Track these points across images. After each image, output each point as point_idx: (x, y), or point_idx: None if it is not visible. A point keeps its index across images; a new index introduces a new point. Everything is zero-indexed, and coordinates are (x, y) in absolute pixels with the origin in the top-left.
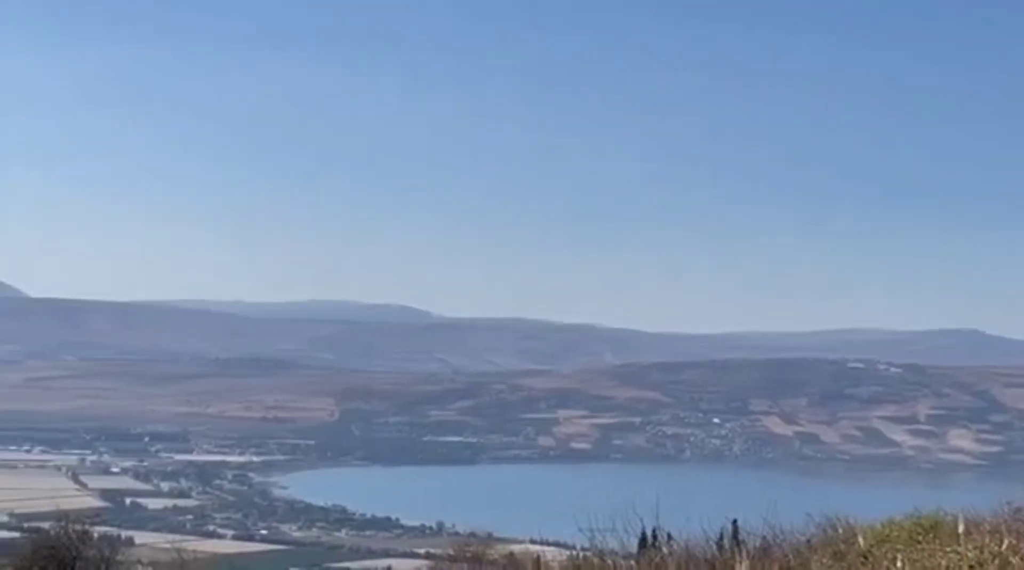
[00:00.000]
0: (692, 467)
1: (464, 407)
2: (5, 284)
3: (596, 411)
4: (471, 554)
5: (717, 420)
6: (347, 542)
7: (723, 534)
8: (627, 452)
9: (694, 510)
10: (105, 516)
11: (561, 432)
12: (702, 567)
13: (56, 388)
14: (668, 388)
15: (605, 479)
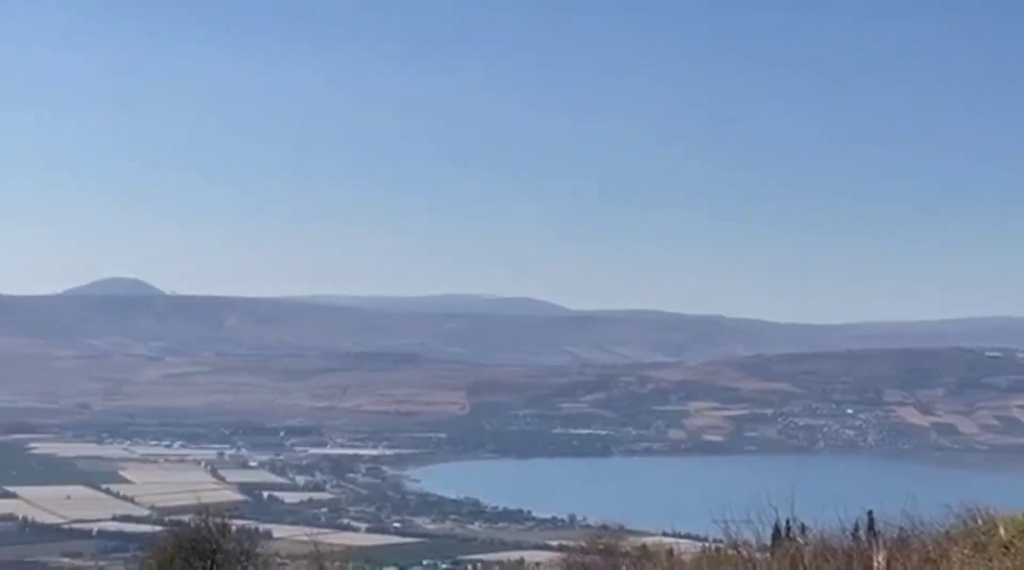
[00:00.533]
0: (826, 458)
1: (594, 400)
2: (144, 283)
3: (727, 403)
4: (603, 546)
5: (850, 411)
6: (480, 534)
7: (859, 525)
8: (760, 444)
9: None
10: (243, 509)
11: (692, 424)
12: (839, 558)
13: (194, 384)
14: (799, 379)
15: (738, 471)
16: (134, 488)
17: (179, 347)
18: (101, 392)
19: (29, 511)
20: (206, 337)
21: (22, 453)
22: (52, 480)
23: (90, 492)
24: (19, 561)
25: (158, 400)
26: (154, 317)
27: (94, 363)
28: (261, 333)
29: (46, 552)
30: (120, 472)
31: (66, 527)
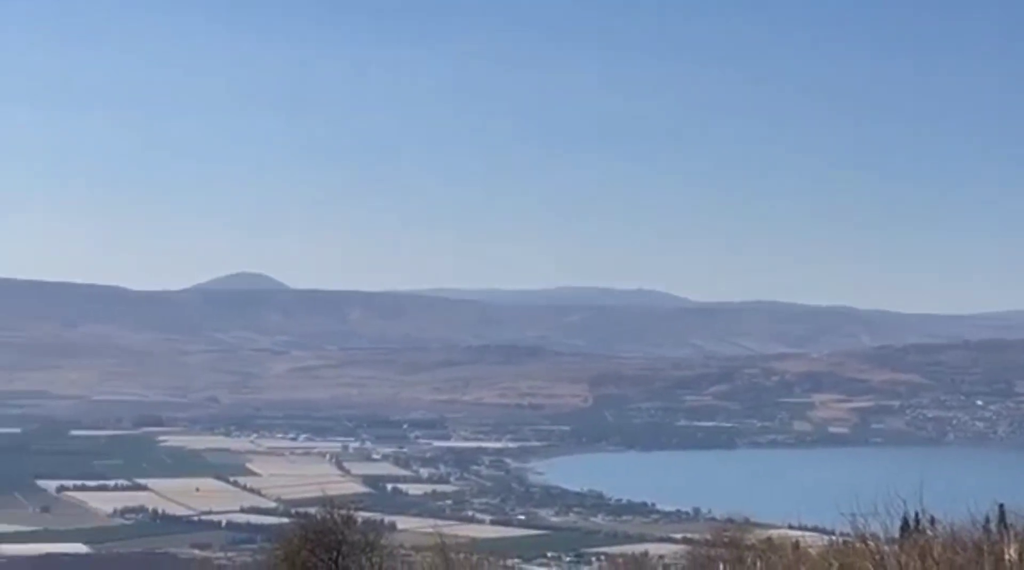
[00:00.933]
0: (955, 450)
1: (718, 392)
2: (270, 277)
3: (852, 394)
4: (729, 539)
5: (980, 402)
6: (604, 527)
7: (989, 518)
8: (887, 436)
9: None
10: (368, 502)
11: (817, 416)
12: (969, 551)
13: (319, 377)
14: (927, 370)
15: (865, 463)
16: (261, 480)
17: (304, 341)
18: (229, 386)
19: (159, 503)
20: (330, 331)
21: (153, 446)
22: (182, 472)
23: (218, 484)
24: (150, 552)
25: (284, 393)
26: (280, 311)
27: (222, 357)
28: (384, 326)
29: (176, 543)
30: (247, 464)
31: (195, 519)
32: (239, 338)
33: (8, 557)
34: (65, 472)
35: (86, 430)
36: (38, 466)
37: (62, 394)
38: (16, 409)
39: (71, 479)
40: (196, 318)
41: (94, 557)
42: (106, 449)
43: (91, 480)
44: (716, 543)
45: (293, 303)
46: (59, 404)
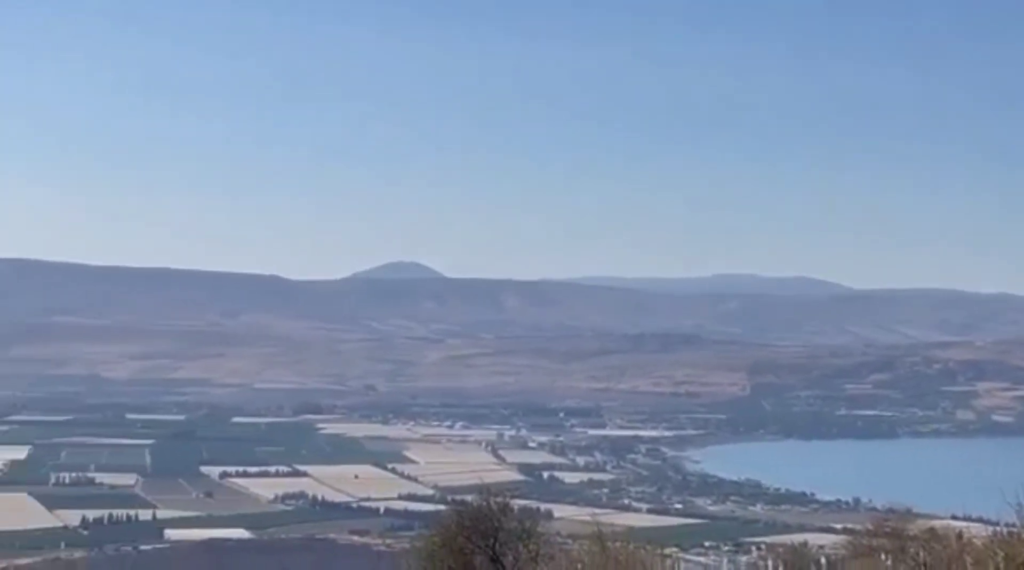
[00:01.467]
0: None
1: (878, 380)
2: (424, 266)
3: (1018, 383)
4: (890, 529)
5: None
6: (762, 516)
7: None
8: None
9: None
10: (524, 489)
11: (981, 405)
12: None
13: (475, 365)
14: None
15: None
16: (418, 468)
17: (459, 329)
18: (385, 374)
19: (319, 489)
20: (485, 319)
21: (312, 433)
22: (340, 459)
23: (376, 471)
24: (310, 538)
25: (439, 381)
26: (435, 300)
27: (378, 346)
28: (539, 315)
29: (335, 529)
30: (404, 452)
31: (354, 505)
32: (395, 326)
33: (173, 542)
34: (228, 458)
35: (247, 417)
36: (202, 453)
37: (224, 382)
38: (181, 397)
39: (233, 465)
40: (353, 307)
41: (256, 542)
42: (267, 436)
43: (252, 466)
44: (877, 533)
45: (448, 292)
46: (221, 392)
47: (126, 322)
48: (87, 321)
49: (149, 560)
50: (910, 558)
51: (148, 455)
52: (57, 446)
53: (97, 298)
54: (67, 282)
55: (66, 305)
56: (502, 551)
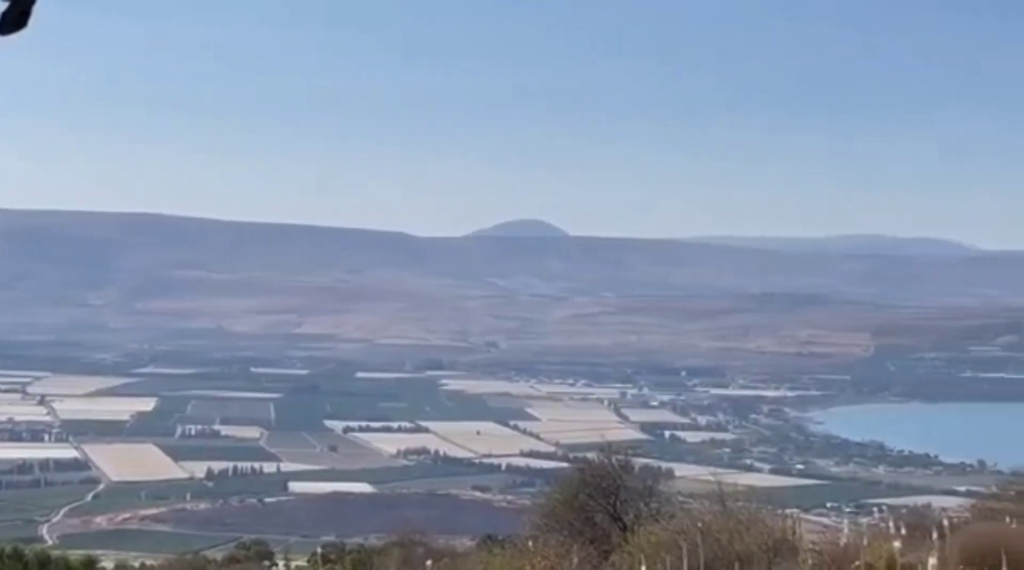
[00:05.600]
0: None
1: (1006, 343)
2: (548, 224)
3: None
4: (1016, 492)
5: None
6: (884, 478)
7: None
8: None
9: None
10: (645, 448)
11: None
12: None
13: (597, 324)
14: None
15: None
16: (540, 425)
17: (583, 287)
18: (508, 331)
19: (441, 445)
20: (609, 277)
21: (435, 389)
22: (463, 416)
23: (498, 428)
24: (432, 493)
25: (562, 339)
26: (559, 258)
27: (502, 303)
28: (663, 273)
29: (458, 485)
30: (527, 409)
31: (476, 461)
32: (519, 284)
33: (297, 494)
34: (351, 413)
35: (371, 373)
36: (326, 407)
37: (349, 337)
38: (305, 352)
39: (356, 420)
40: (477, 264)
41: (379, 497)
42: (390, 392)
43: (375, 422)
44: (1002, 496)
45: (572, 250)
46: (346, 347)
47: (252, 277)
48: (214, 275)
49: (273, 512)
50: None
51: (273, 409)
52: (183, 399)
53: (224, 253)
54: (194, 237)
55: (193, 259)
56: (623, 509)
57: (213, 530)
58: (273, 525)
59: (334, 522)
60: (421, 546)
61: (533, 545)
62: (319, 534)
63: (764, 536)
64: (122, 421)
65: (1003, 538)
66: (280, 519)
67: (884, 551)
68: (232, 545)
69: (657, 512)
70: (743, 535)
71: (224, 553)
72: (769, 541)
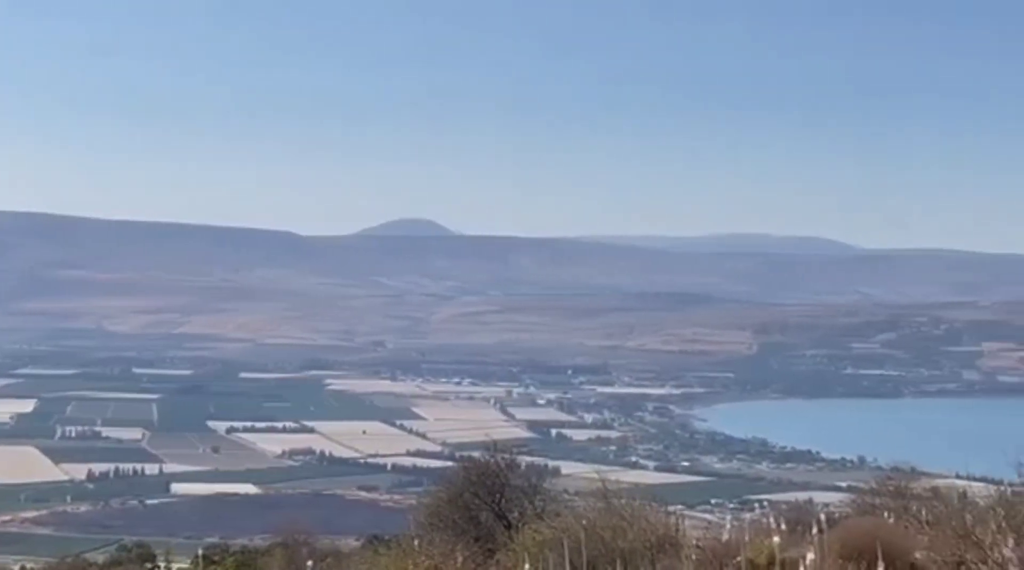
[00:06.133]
0: None
1: (885, 340)
2: (435, 223)
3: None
4: (894, 488)
5: None
6: (767, 474)
7: None
8: None
9: None
10: (532, 446)
11: (987, 365)
12: None
13: (484, 323)
14: None
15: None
16: (426, 424)
17: (470, 286)
18: (395, 330)
19: (327, 445)
20: (496, 277)
21: (320, 389)
22: (349, 416)
23: (384, 428)
24: (317, 493)
25: (449, 338)
26: (446, 257)
27: (388, 302)
28: (549, 272)
29: (343, 485)
30: (413, 408)
31: (362, 461)
32: (406, 283)
33: (180, 496)
34: (235, 414)
35: (255, 373)
36: (209, 408)
37: (232, 337)
38: (188, 352)
39: (240, 421)
40: (363, 263)
41: (263, 497)
42: (274, 392)
43: (260, 422)
44: (881, 491)
45: (459, 249)
46: (229, 347)
47: (134, 277)
48: (95, 275)
49: (156, 514)
50: (912, 516)
51: (155, 410)
52: (64, 399)
53: (106, 252)
54: (76, 236)
55: (74, 259)
56: (508, 507)
57: (94, 532)
58: (156, 527)
59: (218, 523)
60: (306, 546)
61: (418, 544)
62: (202, 535)
63: (647, 533)
64: (1, 423)
65: (880, 532)
66: (162, 521)
67: (765, 547)
68: (114, 547)
69: (542, 510)
70: (627, 532)
71: (106, 556)
72: (652, 538)
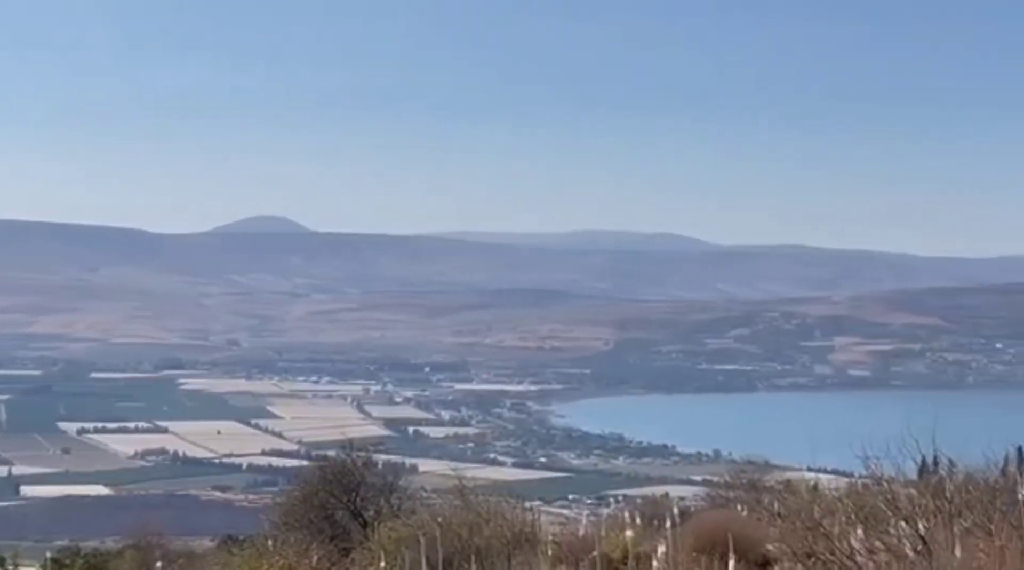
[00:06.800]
0: (975, 394)
1: (739, 335)
2: (289, 220)
3: (873, 338)
4: (747, 481)
5: (1000, 345)
6: (624, 469)
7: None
8: (907, 379)
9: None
10: (389, 444)
11: (838, 359)
12: (983, 492)
13: (341, 320)
14: (948, 313)
15: (884, 407)
16: (283, 423)
17: (325, 284)
18: (250, 329)
19: (181, 446)
20: (352, 274)
21: (173, 389)
22: (203, 415)
23: (240, 427)
24: (171, 494)
25: (305, 336)
26: (301, 254)
27: (242, 300)
28: (406, 269)
29: (198, 486)
30: (269, 407)
31: (217, 461)
32: (260, 281)
33: (30, 498)
34: (85, 414)
35: (106, 373)
36: (59, 408)
37: (82, 337)
38: (36, 352)
39: (91, 421)
40: (216, 261)
41: (115, 499)
42: (126, 392)
43: (111, 422)
44: (734, 485)
45: (314, 246)
46: (79, 347)
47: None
48: None
49: (3, 516)
50: (764, 509)
51: (3, 410)
52: None
53: None
54: None
55: None
56: (363, 506)
57: None
58: (3, 530)
59: (68, 526)
60: (159, 548)
61: (272, 544)
62: (52, 538)
63: (504, 529)
64: None
65: (732, 525)
66: (11, 524)
67: (620, 541)
68: None
69: (398, 508)
70: (483, 528)
71: None
72: (509, 534)
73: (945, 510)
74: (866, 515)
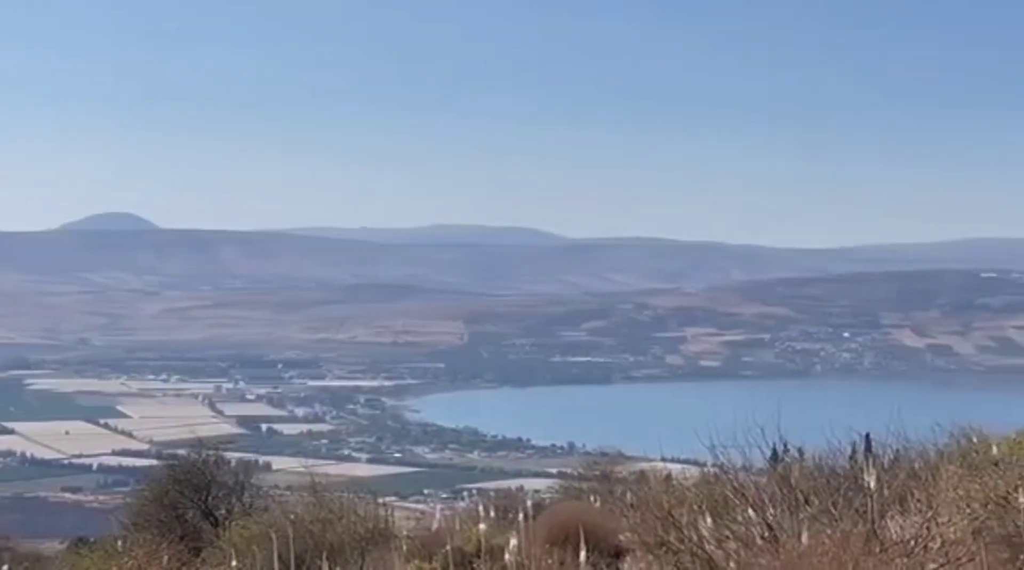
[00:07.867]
0: (822, 382)
1: (593, 328)
2: (138, 217)
3: (724, 328)
4: (600, 472)
5: (847, 334)
6: (479, 463)
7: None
8: (757, 369)
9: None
10: (242, 442)
11: (689, 350)
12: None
13: (192, 318)
14: (796, 303)
15: (735, 396)
16: (132, 423)
17: (176, 281)
18: (99, 328)
19: (28, 447)
20: (203, 271)
21: (20, 389)
22: (51, 415)
23: (89, 427)
24: (19, 496)
25: (156, 335)
26: (150, 252)
27: (92, 299)
28: (257, 266)
29: (46, 487)
30: (118, 407)
31: (66, 462)
32: (109, 279)
33: None
34: None
35: None
36: None
37: None
38: None
39: None
40: (64, 259)
41: None
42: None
43: None
44: (588, 476)
45: (164, 243)
46: None
47: None
48: None
49: None
50: (617, 499)
51: None
52: None
53: None
54: None
55: None
56: (215, 504)
57: None
58: None
59: None
60: (7, 551)
61: (122, 545)
62: None
63: (357, 525)
64: None
65: (585, 516)
66: None
67: (473, 534)
68: None
69: (250, 506)
70: (335, 525)
71: None
72: (362, 530)
73: (791, 498)
74: (715, 503)
